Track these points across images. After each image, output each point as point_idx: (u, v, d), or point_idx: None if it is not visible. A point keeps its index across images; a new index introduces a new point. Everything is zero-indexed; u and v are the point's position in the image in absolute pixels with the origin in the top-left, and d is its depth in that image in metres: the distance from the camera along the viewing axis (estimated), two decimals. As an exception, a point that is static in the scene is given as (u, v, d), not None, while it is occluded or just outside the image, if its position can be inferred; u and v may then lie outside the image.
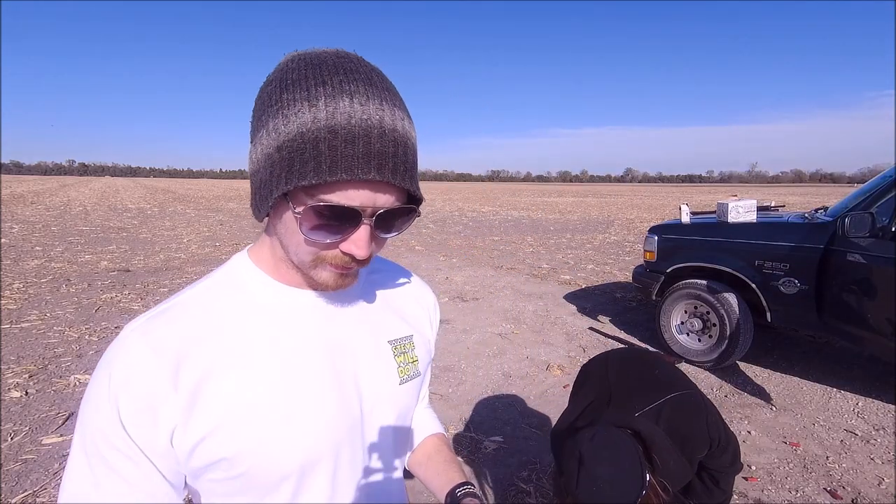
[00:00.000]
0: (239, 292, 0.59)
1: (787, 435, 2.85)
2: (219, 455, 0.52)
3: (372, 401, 0.63)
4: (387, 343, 0.67)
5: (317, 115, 0.45)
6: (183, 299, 0.57)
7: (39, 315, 4.87)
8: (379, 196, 0.49)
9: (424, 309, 0.76)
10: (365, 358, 0.63)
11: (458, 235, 11.99)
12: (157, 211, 18.18)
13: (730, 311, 3.57)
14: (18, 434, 2.74)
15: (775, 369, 3.78)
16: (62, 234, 10.71)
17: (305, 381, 0.57)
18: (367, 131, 0.46)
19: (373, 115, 0.46)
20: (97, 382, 0.52)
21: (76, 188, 40.30)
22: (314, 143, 0.45)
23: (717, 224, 3.89)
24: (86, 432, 0.51)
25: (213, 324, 0.55)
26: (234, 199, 27.77)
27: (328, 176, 0.45)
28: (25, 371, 3.56)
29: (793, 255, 3.32)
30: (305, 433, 0.56)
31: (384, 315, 0.68)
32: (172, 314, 0.55)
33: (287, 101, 0.47)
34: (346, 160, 0.45)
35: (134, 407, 0.50)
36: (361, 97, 0.46)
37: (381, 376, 0.64)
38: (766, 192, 47.59)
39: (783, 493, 2.33)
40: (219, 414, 0.52)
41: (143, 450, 0.50)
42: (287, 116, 0.46)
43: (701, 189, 67.08)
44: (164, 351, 0.52)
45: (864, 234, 2.94)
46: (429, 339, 0.76)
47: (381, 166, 0.47)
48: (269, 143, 0.48)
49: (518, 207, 22.92)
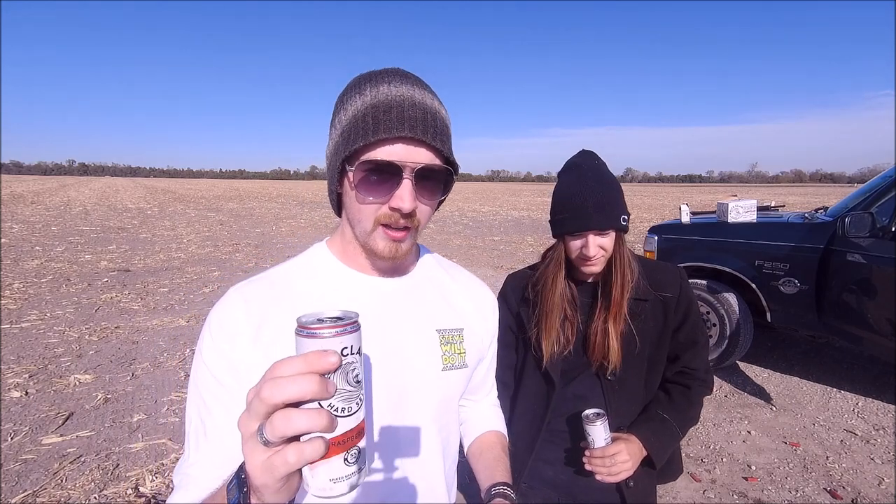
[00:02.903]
0: (312, 272, 0.70)
1: (787, 435, 2.85)
2: None
3: (415, 381, 0.69)
4: (434, 331, 0.72)
5: (364, 99, 0.59)
6: (271, 273, 0.70)
7: (39, 315, 4.88)
8: (414, 152, 0.59)
9: (479, 309, 0.82)
10: (410, 340, 0.70)
11: (458, 235, 12.00)
12: (157, 211, 18.18)
13: (730, 311, 3.57)
14: (18, 434, 2.74)
15: (775, 369, 3.78)
16: (62, 234, 10.71)
17: None
18: (401, 102, 0.58)
19: (405, 92, 0.59)
20: (205, 326, 0.64)
21: (76, 188, 40.30)
22: (362, 117, 0.58)
23: (717, 224, 3.89)
24: (196, 366, 0.63)
25: (290, 295, 0.66)
26: (234, 199, 27.78)
27: (372, 136, 0.56)
28: (25, 371, 3.56)
29: (793, 255, 3.32)
30: None
31: (436, 306, 0.75)
32: (262, 283, 0.67)
33: (345, 100, 0.62)
34: (385, 123, 0.57)
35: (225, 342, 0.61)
36: (397, 82, 0.60)
37: (424, 360, 0.70)
38: (766, 192, 47.58)
39: (783, 493, 2.33)
40: None
41: (232, 378, 0.60)
42: (346, 109, 0.61)
43: (701, 189, 67.07)
44: (253, 305, 0.64)
45: (864, 234, 2.94)
46: (482, 337, 0.80)
47: (413, 126, 0.57)
48: (335, 135, 0.62)
49: (518, 207, 22.92)
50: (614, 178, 1.06)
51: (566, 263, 1.11)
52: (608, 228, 1.02)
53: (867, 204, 3.12)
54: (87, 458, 2.55)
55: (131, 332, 4.48)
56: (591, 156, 1.07)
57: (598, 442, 0.99)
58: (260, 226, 13.75)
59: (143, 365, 3.73)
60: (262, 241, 10.61)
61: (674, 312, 1.11)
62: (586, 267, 1.07)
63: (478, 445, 0.86)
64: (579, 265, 1.08)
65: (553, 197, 1.08)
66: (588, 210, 1.00)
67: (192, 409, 0.62)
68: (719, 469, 2.53)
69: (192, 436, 0.61)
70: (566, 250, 1.09)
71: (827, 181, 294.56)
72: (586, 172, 1.03)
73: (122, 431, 2.82)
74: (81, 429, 2.83)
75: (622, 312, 1.06)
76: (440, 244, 10.36)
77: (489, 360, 0.87)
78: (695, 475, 2.47)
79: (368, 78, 0.61)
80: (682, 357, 1.14)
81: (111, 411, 3.05)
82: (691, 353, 1.13)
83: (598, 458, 0.98)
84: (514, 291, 1.20)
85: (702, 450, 2.71)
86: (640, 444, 1.04)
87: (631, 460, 0.99)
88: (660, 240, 4.08)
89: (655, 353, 1.13)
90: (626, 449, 1.00)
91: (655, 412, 1.11)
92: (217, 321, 0.63)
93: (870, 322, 2.92)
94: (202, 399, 0.60)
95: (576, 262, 1.08)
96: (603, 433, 0.99)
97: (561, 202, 1.05)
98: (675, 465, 1.21)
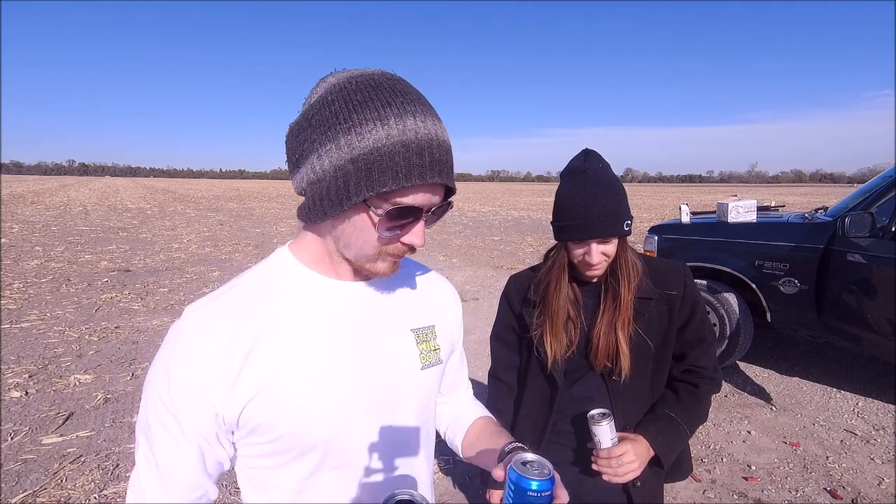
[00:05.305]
0: (280, 281, 0.66)
1: (787, 435, 2.85)
2: (258, 420, 0.60)
3: (395, 383, 0.69)
4: (409, 331, 0.72)
5: (389, 133, 0.54)
6: (234, 286, 0.65)
7: (39, 315, 4.88)
8: (434, 195, 0.59)
9: (446, 301, 0.83)
10: (389, 343, 0.70)
11: (458, 235, 12.00)
12: (157, 211, 18.18)
13: (730, 310, 3.57)
14: (18, 434, 2.74)
15: (775, 369, 3.78)
16: (62, 234, 10.71)
17: (333, 360, 0.64)
18: (430, 143, 0.56)
19: (430, 129, 0.56)
20: (161, 356, 0.60)
21: (76, 188, 40.31)
22: (390, 155, 0.54)
23: (717, 224, 3.89)
24: (149, 399, 0.59)
25: (258, 308, 0.63)
26: (233, 199, 27.78)
27: (405, 182, 0.54)
28: (25, 371, 3.56)
29: (793, 255, 3.32)
30: (332, 405, 0.63)
31: (408, 305, 0.75)
32: (225, 299, 0.63)
33: (359, 120, 0.55)
34: (419, 169, 0.55)
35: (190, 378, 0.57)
36: (420, 115, 0.56)
37: (403, 361, 0.70)
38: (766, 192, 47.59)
39: (783, 493, 2.33)
40: (259, 385, 0.59)
41: (194, 416, 0.58)
42: (361, 133, 0.54)
43: (701, 189, 67.09)
44: (219, 330, 0.60)
45: (864, 234, 2.94)
46: (452, 330, 0.81)
47: (442, 171, 0.57)
48: (341, 156, 0.55)
49: (518, 207, 22.92)
50: (618, 180, 1.06)
51: (569, 265, 1.11)
52: (611, 236, 1.02)
53: (867, 204, 3.12)
54: (87, 458, 2.55)
55: (131, 332, 4.48)
56: (594, 158, 1.06)
57: (604, 442, 0.98)
58: (260, 226, 13.75)
59: (143, 365, 3.73)
60: (263, 240, 10.61)
61: (679, 310, 1.11)
62: (589, 272, 1.07)
63: (472, 434, 0.87)
64: (582, 270, 1.08)
65: (556, 201, 1.07)
66: (591, 219, 1.00)
67: (143, 447, 0.60)
68: (719, 469, 2.53)
69: (144, 474, 0.60)
70: (569, 255, 1.09)
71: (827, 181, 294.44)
72: (590, 178, 1.02)
73: (122, 431, 2.82)
74: (81, 429, 2.83)
75: (629, 316, 1.06)
76: (440, 244, 10.37)
77: (459, 352, 0.87)
78: (695, 475, 2.47)
79: (385, 98, 0.56)
80: (690, 355, 1.13)
81: (111, 411, 3.05)
82: (699, 351, 1.13)
83: (604, 459, 0.98)
84: (518, 293, 1.20)
85: (702, 450, 2.71)
86: (647, 444, 1.04)
87: (638, 460, 0.99)
88: (660, 240, 4.08)
89: (661, 352, 1.12)
90: (633, 449, 0.99)
91: (663, 411, 1.10)
92: (183, 350, 0.59)
93: (870, 322, 2.92)
94: (154, 437, 0.59)
95: (578, 266, 1.08)
96: (609, 433, 0.98)
97: (564, 209, 1.05)
98: (683, 464, 1.21)
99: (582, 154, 1.09)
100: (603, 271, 1.08)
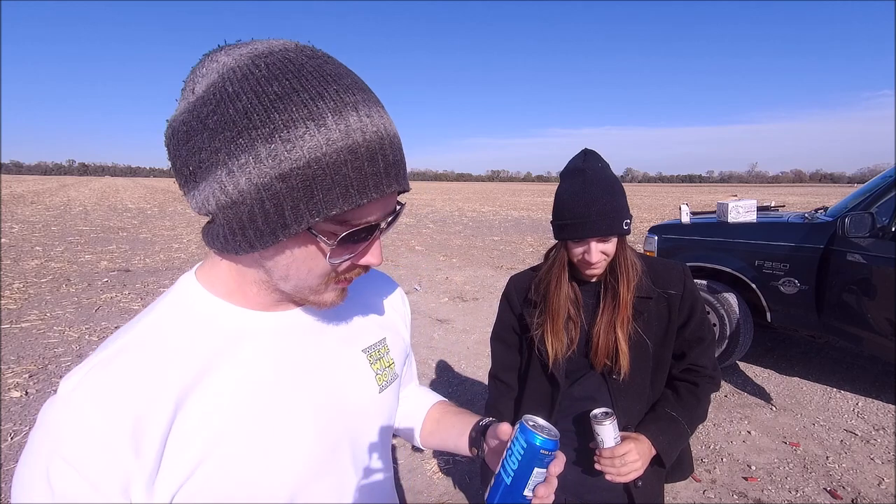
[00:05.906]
0: (195, 323, 0.52)
1: (787, 435, 2.85)
2: (199, 501, 0.48)
3: (354, 416, 0.61)
4: (360, 353, 0.64)
5: (329, 136, 0.41)
6: (129, 342, 0.49)
7: (39, 315, 4.88)
8: (390, 203, 0.49)
9: (393, 306, 0.74)
10: (340, 373, 0.60)
11: (458, 235, 12.00)
12: (157, 211, 18.17)
13: (730, 311, 3.57)
14: (18, 434, 2.74)
15: (775, 369, 3.78)
16: (62, 234, 10.70)
17: (281, 411, 0.53)
18: (381, 144, 0.44)
19: (378, 125, 0.44)
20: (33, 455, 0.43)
21: (76, 188, 40.29)
22: (335, 167, 0.41)
23: (717, 224, 3.89)
24: None
25: (172, 365, 0.48)
26: (234, 199, 27.72)
27: (359, 198, 0.43)
28: (25, 371, 3.56)
29: (793, 255, 3.32)
30: (290, 463, 0.53)
31: (355, 324, 0.65)
32: (121, 363, 0.47)
33: (283, 121, 0.40)
34: (374, 179, 0.43)
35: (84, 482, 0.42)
36: (364, 107, 0.43)
37: (359, 389, 0.62)
38: (766, 192, 47.59)
39: (783, 493, 2.33)
40: (192, 462, 0.47)
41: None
42: (289, 140, 0.40)
43: (701, 189, 67.09)
44: (118, 413, 0.44)
45: (864, 234, 2.94)
46: (403, 335, 0.74)
47: (398, 175, 0.46)
48: (265, 172, 0.41)
49: (518, 207, 22.92)
50: (617, 180, 1.06)
51: (568, 264, 1.11)
52: (610, 235, 1.03)
53: (867, 204, 3.12)
54: (87, 458, 2.55)
55: (131, 332, 4.48)
56: (594, 158, 1.07)
57: (607, 442, 0.99)
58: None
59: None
60: (262, 241, 10.59)
61: (678, 309, 1.11)
62: (589, 271, 1.08)
63: (430, 422, 0.82)
64: (581, 269, 1.09)
65: (555, 200, 1.08)
66: (591, 217, 1.00)
67: None
68: (719, 469, 2.53)
69: None
70: (568, 254, 1.09)
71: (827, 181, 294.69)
72: (589, 178, 1.03)
73: (122, 431, 2.82)
74: (81, 429, 2.83)
75: (628, 315, 1.06)
76: (440, 244, 10.36)
77: (409, 353, 0.80)
78: (695, 475, 2.47)
79: (313, 89, 0.42)
80: (689, 354, 1.14)
81: (111, 411, 3.05)
82: (698, 350, 1.13)
83: (607, 459, 0.98)
84: (518, 293, 1.20)
85: (702, 450, 2.71)
86: (649, 444, 1.04)
87: (641, 460, 0.99)
88: (660, 240, 4.08)
89: (661, 351, 1.13)
90: (636, 448, 1.00)
91: (664, 410, 1.11)
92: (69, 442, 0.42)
93: (870, 322, 2.92)
94: None
95: (578, 265, 1.09)
96: (612, 433, 0.98)
97: (563, 208, 1.05)
98: (684, 464, 1.21)
99: (581, 154, 1.09)
100: (602, 270, 1.08)
